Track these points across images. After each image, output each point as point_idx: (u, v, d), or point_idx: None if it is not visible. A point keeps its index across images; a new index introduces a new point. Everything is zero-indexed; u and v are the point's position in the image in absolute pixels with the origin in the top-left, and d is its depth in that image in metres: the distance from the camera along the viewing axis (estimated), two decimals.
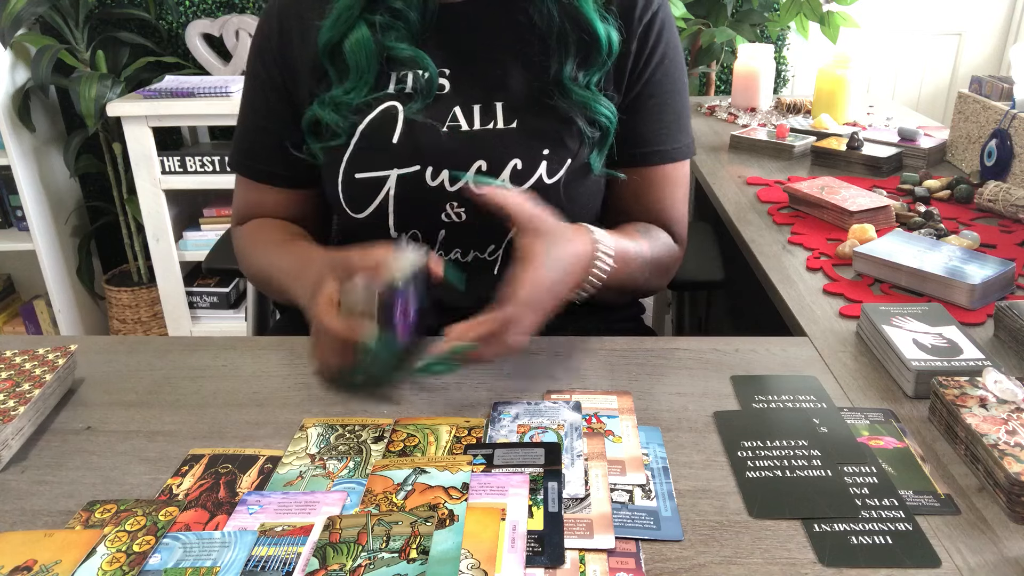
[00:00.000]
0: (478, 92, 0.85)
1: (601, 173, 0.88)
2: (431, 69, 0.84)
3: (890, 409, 0.69)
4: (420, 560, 0.51)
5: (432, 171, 0.84)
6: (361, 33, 0.83)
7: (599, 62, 0.84)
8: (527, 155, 0.84)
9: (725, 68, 2.48)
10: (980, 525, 0.55)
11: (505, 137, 0.84)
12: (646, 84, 0.88)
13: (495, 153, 0.84)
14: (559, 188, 0.85)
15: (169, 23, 2.43)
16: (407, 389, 0.73)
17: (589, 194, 0.89)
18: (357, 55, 0.83)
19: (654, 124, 0.90)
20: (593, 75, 0.85)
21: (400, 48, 0.83)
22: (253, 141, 0.94)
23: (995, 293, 0.90)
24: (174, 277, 2.36)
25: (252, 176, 0.94)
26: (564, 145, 0.85)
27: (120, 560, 0.52)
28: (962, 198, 1.23)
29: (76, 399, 0.73)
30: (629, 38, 0.86)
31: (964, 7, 2.58)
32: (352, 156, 0.85)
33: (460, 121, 0.84)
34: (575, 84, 0.84)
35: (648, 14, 0.87)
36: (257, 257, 0.91)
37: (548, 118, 0.84)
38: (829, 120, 1.67)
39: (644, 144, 0.90)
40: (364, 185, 0.85)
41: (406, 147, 0.84)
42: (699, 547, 0.53)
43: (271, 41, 0.89)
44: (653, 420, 0.68)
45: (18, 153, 2.21)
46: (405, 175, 0.84)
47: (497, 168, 0.84)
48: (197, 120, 2.23)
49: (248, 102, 0.94)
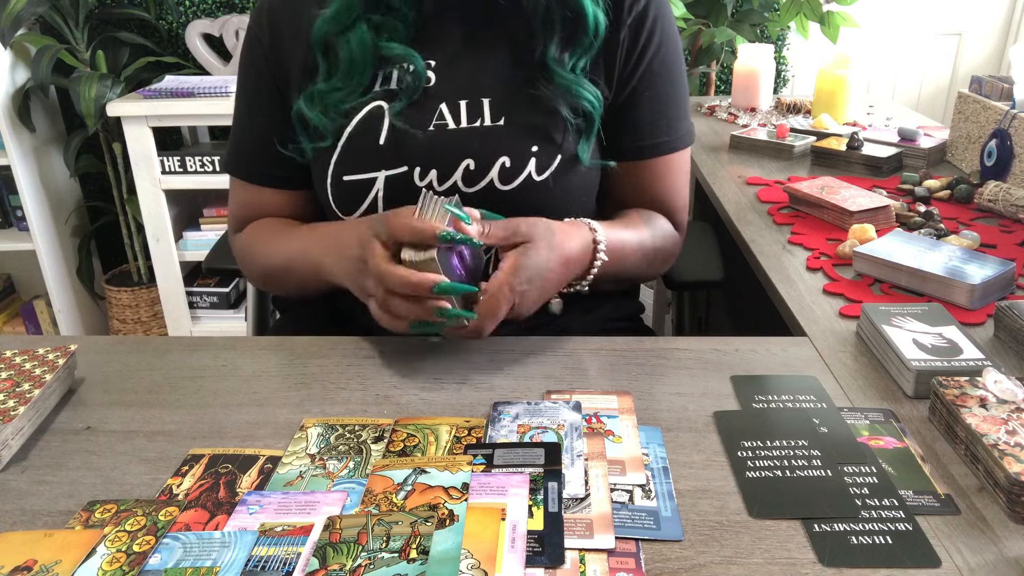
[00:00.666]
0: (464, 88, 0.84)
1: (592, 164, 0.88)
2: (418, 66, 0.83)
3: (890, 409, 0.69)
4: (420, 560, 0.51)
5: (420, 172, 0.83)
6: (361, 35, 0.82)
7: (585, 43, 0.83)
8: (515, 152, 0.83)
9: (725, 68, 2.48)
10: (980, 525, 0.55)
11: (492, 135, 0.84)
12: (643, 76, 0.88)
13: (483, 152, 0.83)
14: (550, 184, 0.85)
15: (169, 23, 2.43)
16: (407, 389, 0.73)
17: (582, 187, 0.89)
18: (354, 57, 0.82)
19: (653, 115, 0.89)
20: (579, 58, 0.84)
21: (392, 47, 0.83)
22: (247, 143, 0.93)
23: (995, 293, 0.90)
24: (174, 277, 2.36)
25: (248, 178, 0.94)
26: (551, 140, 0.84)
27: (120, 560, 0.52)
28: (962, 198, 1.23)
29: (76, 399, 0.73)
30: (619, 28, 0.85)
31: (964, 7, 2.58)
32: (339, 159, 0.85)
33: (447, 119, 0.84)
34: (559, 66, 0.83)
35: (640, 4, 0.86)
36: (269, 251, 0.90)
37: (535, 112, 0.84)
38: (829, 120, 1.67)
39: (644, 136, 0.90)
40: (353, 187, 0.85)
41: (392, 148, 0.83)
42: (699, 547, 0.53)
43: (262, 41, 0.89)
44: (653, 420, 0.68)
45: (18, 153, 2.21)
46: (393, 176, 0.84)
47: (485, 167, 0.83)
48: (197, 120, 2.23)
49: (241, 104, 0.93)
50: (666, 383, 0.73)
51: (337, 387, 0.74)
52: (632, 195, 0.93)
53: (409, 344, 0.81)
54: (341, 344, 0.81)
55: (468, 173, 0.83)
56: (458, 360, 0.78)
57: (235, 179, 0.95)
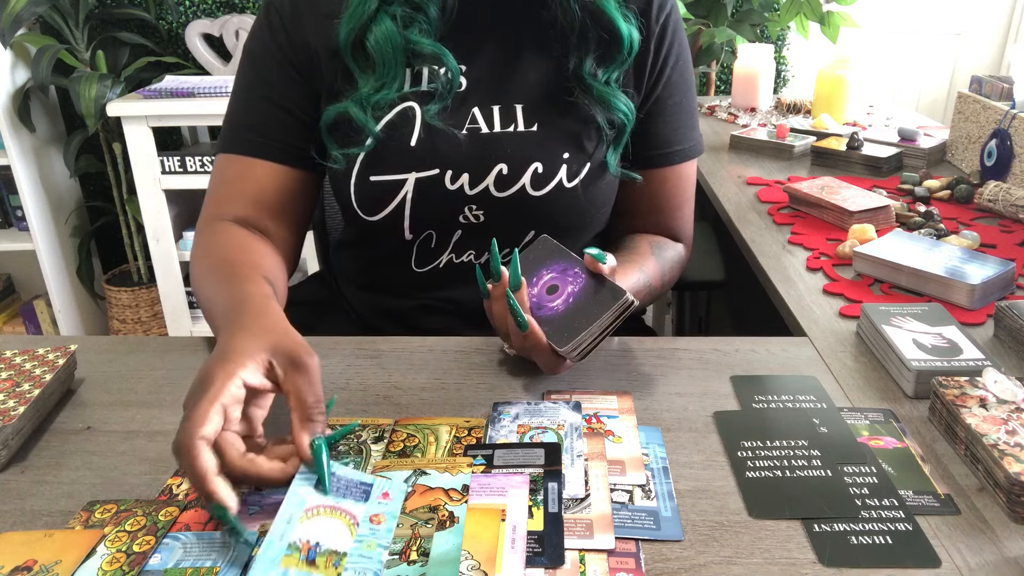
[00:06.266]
0: (497, 92, 0.84)
1: (617, 174, 0.88)
2: (451, 66, 0.81)
3: (890, 409, 0.69)
4: (420, 562, 0.51)
5: (452, 175, 0.83)
6: (385, 26, 0.79)
7: (619, 60, 0.83)
8: (548, 158, 0.83)
9: (725, 68, 2.48)
10: (980, 525, 0.55)
11: (526, 140, 0.83)
12: (665, 85, 0.88)
13: (516, 156, 0.83)
14: (578, 191, 0.85)
15: (169, 23, 2.43)
16: (407, 389, 0.73)
17: (606, 195, 0.89)
18: (383, 48, 0.79)
19: (673, 124, 0.90)
20: (612, 72, 0.84)
21: (423, 44, 0.80)
22: (253, 114, 0.85)
23: (995, 293, 0.90)
24: (174, 277, 2.36)
25: (247, 150, 0.84)
26: (583, 148, 0.85)
27: (120, 560, 0.52)
28: (962, 198, 1.23)
29: (76, 399, 0.73)
30: (648, 39, 0.86)
31: (964, 7, 2.58)
32: (367, 158, 0.82)
33: (480, 123, 0.83)
34: (594, 80, 0.83)
35: (663, 15, 0.87)
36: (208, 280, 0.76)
37: (568, 119, 0.84)
38: (829, 120, 1.67)
39: (664, 145, 0.90)
40: (380, 188, 0.83)
41: (425, 150, 0.82)
42: (699, 547, 0.53)
43: (282, 18, 0.83)
44: (653, 420, 0.68)
45: (18, 153, 2.21)
46: (423, 179, 0.82)
47: (518, 172, 0.83)
48: (197, 120, 2.23)
49: (247, 79, 0.86)
50: (666, 383, 0.73)
51: (337, 387, 0.73)
52: (643, 205, 0.93)
53: (409, 344, 0.81)
54: (341, 344, 0.81)
55: (500, 178, 0.83)
56: (458, 360, 0.78)
57: (225, 156, 0.86)
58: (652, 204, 0.93)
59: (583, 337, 0.69)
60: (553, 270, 0.76)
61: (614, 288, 0.70)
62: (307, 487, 0.54)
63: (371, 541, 0.52)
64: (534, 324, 0.70)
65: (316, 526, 0.52)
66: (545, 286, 0.75)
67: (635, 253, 0.88)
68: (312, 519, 0.52)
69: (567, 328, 0.70)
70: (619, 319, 0.69)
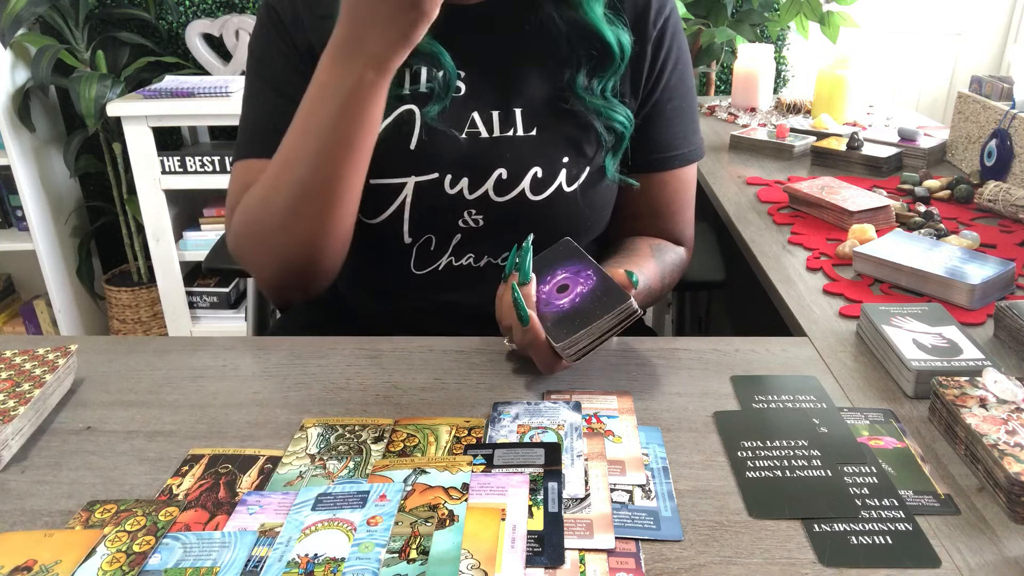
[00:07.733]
0: (495, 97, 0.84)
1: (616, 179, 0.88)
2: (448, 66, 0.81)
3: (890, 409, 0.69)
4: (420, 560, 0.51)
5: (451, 179, 0.83)
6: None
7: (613, 68, 0.83)
8: (547, 163, 0.83)
9: (725, 68, 2.48)
10: (980, 525, 0.55)
11: (525, 144, 0.83)
12: (664, 89, 0.88)
13: (515, 161, 0.83)
14: (577, 195, 0.85)
15: (169, 23, 2.43)
16: (407, 389, 0.73)
17: (605, 199, 0.90)
18: None
19: (672, 128, 0.90)
20: (607, 81, 0.84)
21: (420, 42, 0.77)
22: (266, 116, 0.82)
23: (995, 293, 0.90)
24: (174, 277, 2.36)
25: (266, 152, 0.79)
26: (583, 152, 0.85)
27: (120, 560, 0.52)
28: (962, 198, 1.23)
29: (76, 399, 0.73)
30: (644, 43, 0.86)
31: (964, 7, 2.58)
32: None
33: (479, 128, 0.83)
34: (588, 93, 0.83)
35: (661, 19, 0.86)
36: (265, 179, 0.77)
37: (567, 124, 0.84)
38: (829, 120, 1.67)
39: (664, 149, 0.90)
40: (379, 191, 0.83)
41: (424, 154, 0.82)
42: (699, 547, 0.53)
43: (282, 18, 0.82)
44: (653, 420, 0.68)
45: (18, 153, 2.21)
46: (423, 182, 0.83)
47: (517, 176, 0.83)
48: (197, 120, 2.23)
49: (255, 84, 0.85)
50: (666, 383, 0.73)
51: (337, 387, 0.74)
52: (644, 209, 0.93)
53: (409, 344, 0.81)
54: (341, 344, 0.81)
55: (500, 182, 0.83)
56: (458, 360, 0.78)
57: (243, 163, 0.84)
58: (652, 208, 0.93)
59: (580, 336, 0.69)
60: (568, 270, 0.77)
61: (621, 294, 0.70)
62: (305, 510, 0.55)
63: (368, 542, 0.52)
64: (535, 319, 0.71)
65: (314, 541, 0.53)
66: (556, 285, 0.76)
67: (634, 255, 0.88)
68: (310, 535, 0.53)
69: (567, 326, 0.71)
70: (620, 325, 0.70)
